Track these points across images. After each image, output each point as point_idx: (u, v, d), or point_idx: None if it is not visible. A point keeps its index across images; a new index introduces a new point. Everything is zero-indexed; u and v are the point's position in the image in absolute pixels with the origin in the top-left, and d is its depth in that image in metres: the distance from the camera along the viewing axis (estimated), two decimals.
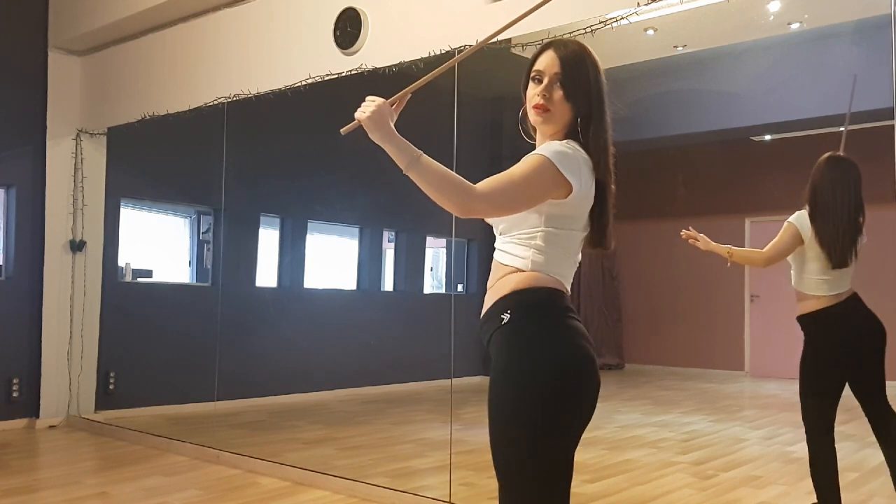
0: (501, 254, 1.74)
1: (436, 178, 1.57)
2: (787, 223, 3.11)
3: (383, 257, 8.29)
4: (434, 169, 1.57)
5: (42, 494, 3.87)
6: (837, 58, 5.09)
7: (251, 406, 6.34)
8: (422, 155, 1.59)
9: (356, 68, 4.13)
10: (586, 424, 1.70)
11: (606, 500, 3.78)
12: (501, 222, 1.74)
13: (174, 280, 6.81)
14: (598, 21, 3.30)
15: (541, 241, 1.69)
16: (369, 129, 1.63)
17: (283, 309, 7.19)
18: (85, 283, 5.69)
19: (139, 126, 5.35)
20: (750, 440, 5.28)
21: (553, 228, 1.69)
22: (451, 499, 3.57)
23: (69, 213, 5.73)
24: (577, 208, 1.69)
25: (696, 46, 5.20)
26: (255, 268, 7.06)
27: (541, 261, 1.68)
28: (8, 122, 5.55)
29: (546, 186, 1.63)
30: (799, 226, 3.08)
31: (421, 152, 1.59)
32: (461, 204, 1.57)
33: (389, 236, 8.32)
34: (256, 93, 4.61)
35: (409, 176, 1.59)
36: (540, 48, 1.79)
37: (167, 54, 5.22)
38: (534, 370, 1.60)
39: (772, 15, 4.53)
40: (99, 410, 5.69)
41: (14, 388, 5.48)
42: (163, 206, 6.74)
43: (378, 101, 1.65)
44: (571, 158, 1.66)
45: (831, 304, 3.07)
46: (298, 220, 7.42)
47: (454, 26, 3.74)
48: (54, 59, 5.72)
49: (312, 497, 3.85)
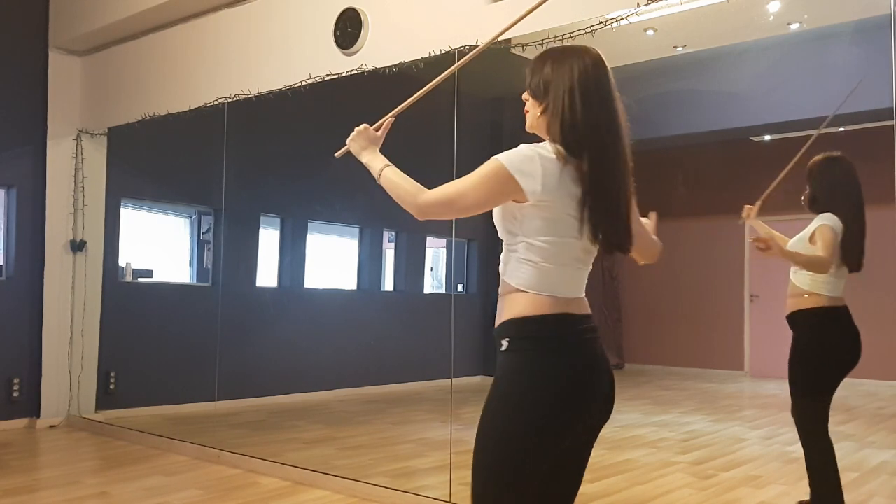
0: (501, 264, 1.76)
1: (393, 185, 1.79)
2: (825, 227, 3.04)
3: (383, 257, 8.29)
4: (392, 178, 1.79)
5: (42, 494, 3.87)
6: (837, 58, 5.09)
7: (251, 406, 6.34)
8: (386, 167, 1.83)
9: (356, 68, 4.13)
10: (591, 435, 1.73)
11: (606, 500, 3.79)
12: (498, 228, 1.76)
13: (174, 280, 6.81)
14: (598, 21, 3.30)
15: (530, 255, 1.68)
16: (353, 152, 1.95)
17: (284, 309, 7.19)
18: (85, 283, 5.70)
19: (139, 126, 5.35)
20: (750, 440, 5.28)
21: (538, 239, 1.67)
22: (451, 499, 3.58)
23: (69, 213, 5.73)
24: (548, 211, 1.65)
25: (696, 46, 5.20)
26: (255, 268, 7.06)
27: (533, 280, 1.68)
28: (8, 122, 5.55)
29: (496, 188, 1.65)
30: (835, 229, 3.05)
31: (386, 164, 1.83)
32: (414, 206, 1.73)
33: (389, 236, 8.32)
34: (256, 93, 4.61)
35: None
36: None
37: (167, 54, 5.22)
38: (522, 402, 1.64)
39: (772, 15, 4.53)
40: (99, 410, 5.69)
41: (14, 388, 5.48)
42: (163, 206, 6.74)
43: (360, 127, 1.94)
44: (526, 159, 1.64)
45: (839, 304, 3.09)
46: (298, 220, 7.42)
47: (454, 26, 3.74)
48: (54, 59, 5.72)
49: (312, 497, 3.85)
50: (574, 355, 1.67)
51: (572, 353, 1.67)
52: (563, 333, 1.68)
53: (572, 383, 1.64)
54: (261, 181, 6.89)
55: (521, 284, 1.69)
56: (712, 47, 5.29)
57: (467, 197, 1.67)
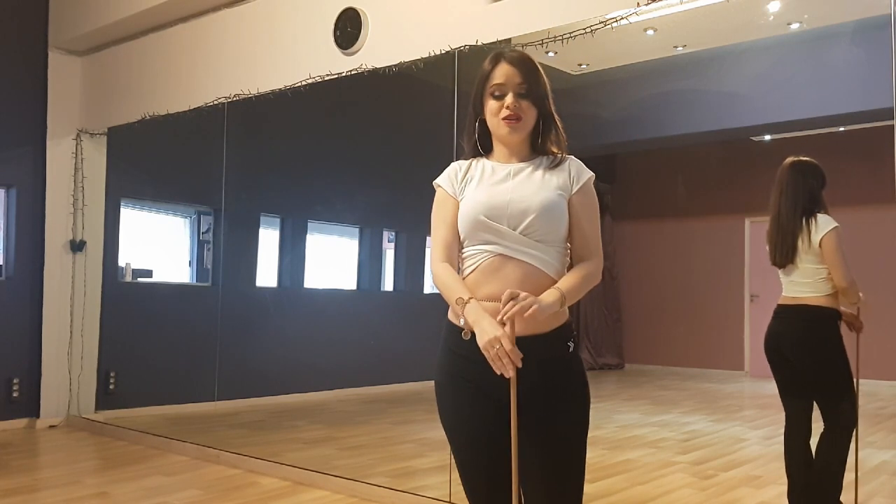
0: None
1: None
2: (836, 231, 3.07)
3: (383, 257, 8.28)
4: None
5: (42, 494, 3.87)
6: (837, 58, 5.09)
7: (251, 406, 6.34)
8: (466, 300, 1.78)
9: (356, 68, 4.13)
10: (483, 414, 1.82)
11: (606, 500, 3.78)
12: (558, 231, 1.88)
13: (174, 280, 6.81)
14: (598, 21, 3.30)
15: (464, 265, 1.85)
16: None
17: (283, 309, 7.19)
18: (85, 283, 5.69)
19: (139, 126, 5.35)
20: (750, 440, 5.28)
21: (465, 246, 1.84)
22: (451, 499, 3.57)
23: (69, 213, 5.73)
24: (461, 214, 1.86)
25: (696, 46, 5.20)
26: (255, 268, 7.06)
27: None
28: (8, 122, 5.55)
29: (437, 207, 1.89)
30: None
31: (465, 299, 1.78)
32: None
33: (389, 236, 8.32)
34: (256, 93, 4.61)
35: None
36: (490, 62, 1.86)
37: (167, 54, 5.22)
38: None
39: (772, 15, 4.53)
40: (99, 410, 5.69)
41: (14, 388, 5.48)
42: (163, 206, 6.74)
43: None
44: (446, 171, 1.92)
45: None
46: (298, 220, 7.42)
47: (454, 26, 3.74)
48: (54, 59, 5.72)
49: (312, 497, 3.85)
50: (444, 343, 1.92)
51: (444, 342, 1.93)
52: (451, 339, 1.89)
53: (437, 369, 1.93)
54: (261, 181, 6.88)
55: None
56: (712, 47, 5.29)
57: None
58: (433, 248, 1.86)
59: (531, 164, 1.85)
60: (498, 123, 1.82)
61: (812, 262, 3.10)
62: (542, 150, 1.87)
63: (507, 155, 1.87)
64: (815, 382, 3.14)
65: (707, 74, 5.86)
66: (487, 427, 1.79)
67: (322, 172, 7.34)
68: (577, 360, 1.85)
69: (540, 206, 1.77)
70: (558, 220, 1.79)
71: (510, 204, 1.78)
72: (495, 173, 1.85)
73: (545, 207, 1.77)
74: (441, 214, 1.87)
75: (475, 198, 1.82)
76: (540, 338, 1.74)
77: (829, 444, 3.11)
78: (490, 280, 1.77)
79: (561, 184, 1.82)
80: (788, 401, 3.25)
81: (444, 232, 1.85)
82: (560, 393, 1.78)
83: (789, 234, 3.13)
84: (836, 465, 3.08)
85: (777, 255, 3.19)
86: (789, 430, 3.24)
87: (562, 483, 1.77)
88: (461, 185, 1.87)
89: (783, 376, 3.25)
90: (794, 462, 3.19)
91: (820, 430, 3.13)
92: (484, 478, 1.81)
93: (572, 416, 1.79)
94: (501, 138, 1.86)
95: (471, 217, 1.80)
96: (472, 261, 1.81)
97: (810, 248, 3.09)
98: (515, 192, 1.80)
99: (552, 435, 1.76)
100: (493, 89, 1.82)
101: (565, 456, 1.78)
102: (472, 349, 1.72)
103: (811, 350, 3.13)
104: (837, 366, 3.10)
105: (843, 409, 3.08)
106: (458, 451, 1.85)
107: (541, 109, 1.84)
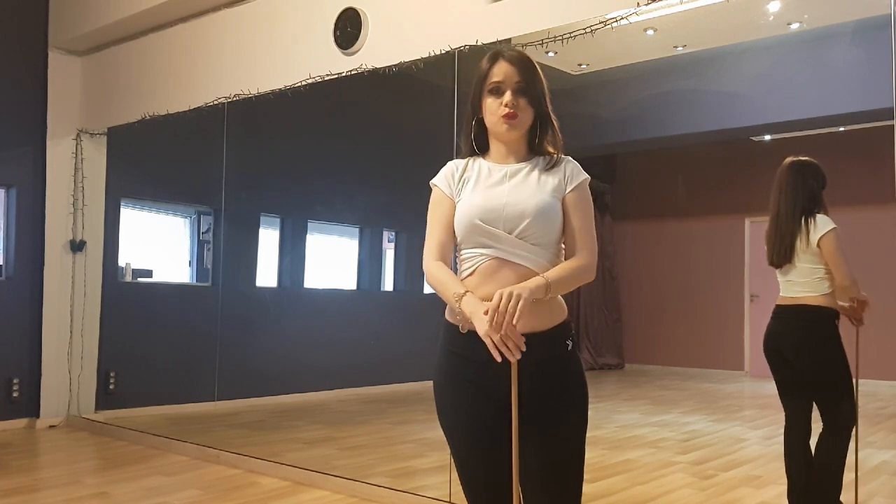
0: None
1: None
2: (834, 231, 3.07)
3: (383, 257, 8.28)
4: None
5: (42, 494, 3.87)
6: (837, 58, 5.09)
7: (251, 406, 6.34)
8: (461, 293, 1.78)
9: (356, 68, 4.13)
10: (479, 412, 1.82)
11: (606, 500, 3.78)
12: (556, 232, 1.89)
13: (174, 280, 6.80)
14: (598, 21, 3.30)
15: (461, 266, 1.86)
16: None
17: (283, 309, 7.19)
18: (85, 283, 5.69)
19: (139, 126, 5.35)
20: (750, 440, 5.28)
21: (462, 249, 1.85)
22: (451, 499, 3.57)
23: (69, 213, 5.73)
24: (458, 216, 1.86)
25: (696, 46, 5.20)
26: (255, 268, 7.06)
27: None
28: (8, 122, 5.55)
29: (433, 206, 1.89)
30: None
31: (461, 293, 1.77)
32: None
33: (389, 236, 8.32)
34: (256, 93, 4.61)
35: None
36: (488, 61, 1.86)
37: (167, 54, 5.22)
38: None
39: (772, 15, 4.53)
40: (99, 410, 5.69)
41: (14, 388, 5.48)
42: (163, 206, 6.73)
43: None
44: (442, 171, 1.92)
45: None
46: (298, 220, 7.42)
47: (454, 26, 3.74)
48: (54, 59, 5.72)
49: (312, 497, 3.85)
50: (441, 345, 1.95)
51: (441, 344, 1.95)
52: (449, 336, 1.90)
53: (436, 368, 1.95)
54: (261, 181, 6.88)
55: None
56: (712, 47, 5.29)
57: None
58: (427, 247, 1.85)
59: (528, 165, 1.86)
60: (495, 121, 1.83)
61: (810, 262, 3.10)
62: (539, 151, 1.88)
63: (504, 154, 1.88)
64: (814, 382, 3.14)
65: (707, 74, 5.85)
66: (487, 427, 1.79)
67: (322, 172, 7.34)
68: (576, 360, 1.84)
69: (535, 210, 1.78)
70: (553, 223, 1.80)
71: (506, 207, 1.79)
72: (492, 175, 1.85)
73: (540, 211, 1.78)
74: (437, 215, 1.87)
75: (471, 201, 1.82)
76: (538, 336, 1.75)
77: (828, 444, 3.11)
78: (488, 282, 1.77)
79: (556, 185, 1.83)
80: (788, 401, 3.25)
81: (439, 232, 1.85)
82: (559, 392, 1.78)
83: (788, 234, 3.13)
84: (836, 465, 3.08)
85: (774, 255, 3.19)
86: (789, 430, 3.24)
87: (561, 483, 1.77)
88: (458, 185, 1.87)
89: (782, 376, 3.25)
90: (794, 462, 3.19)
91: (819, 430, 3.13)
92: (483, 478, 1.81)
93: (571, 416, 1.79)
94: (499, 136, 1.86)
95: (467, 220, 1.81)
96: (469, 263, 1.82)
97: (808, 248, 3.09)
98: (511, 195, 1.80)
99: (551, 435, 1.76)
100: (491, 87, 1.82)
101: (564, 456, 1.78)
102: (470, 349, 1.72)
103: (810, 350, 3.13)
104: (836, 366, 3.10)
105: (842, 408, 3.08)
106: (457, 451, 1.85)
107: (538, 109, 1.84)
